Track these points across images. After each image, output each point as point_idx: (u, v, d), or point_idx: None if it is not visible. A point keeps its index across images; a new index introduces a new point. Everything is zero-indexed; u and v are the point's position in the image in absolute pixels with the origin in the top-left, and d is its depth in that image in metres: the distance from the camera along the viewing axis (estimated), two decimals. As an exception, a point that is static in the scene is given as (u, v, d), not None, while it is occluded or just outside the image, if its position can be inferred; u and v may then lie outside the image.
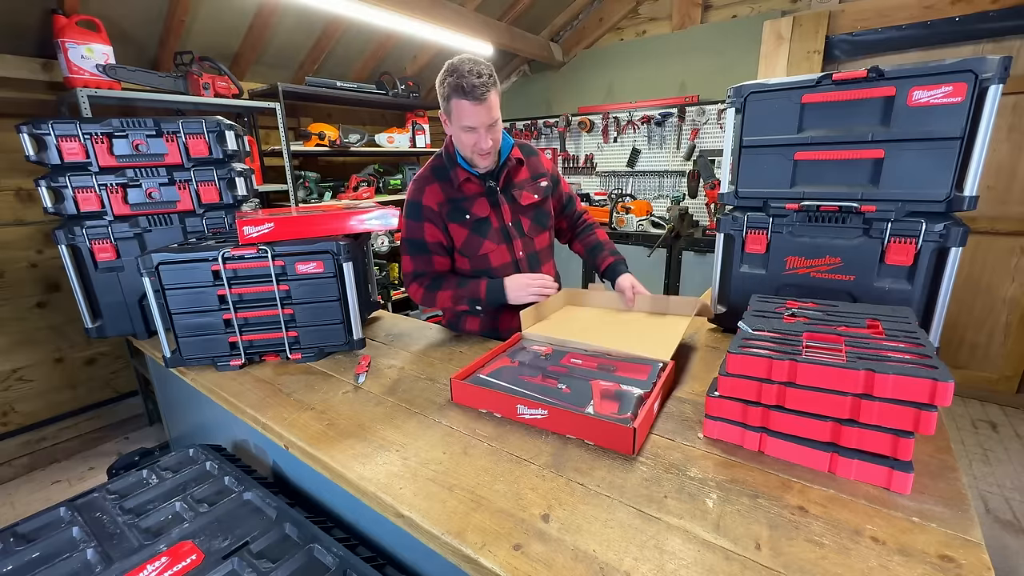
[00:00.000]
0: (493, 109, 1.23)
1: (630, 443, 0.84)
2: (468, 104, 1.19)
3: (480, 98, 1.18)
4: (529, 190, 1.45)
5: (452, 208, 1.39)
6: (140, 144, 1.48)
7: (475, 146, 1.27)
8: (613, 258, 1.53)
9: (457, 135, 1.28)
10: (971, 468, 2.31)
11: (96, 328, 1.53)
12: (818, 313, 1.00)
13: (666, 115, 3.69)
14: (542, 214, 1.50)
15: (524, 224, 1.46)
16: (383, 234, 3.52)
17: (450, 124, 1.28)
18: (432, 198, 1.39)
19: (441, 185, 1.39)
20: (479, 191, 1.40)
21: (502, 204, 1.41)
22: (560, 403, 0.95)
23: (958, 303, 2.92)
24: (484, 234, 1.41)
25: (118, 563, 0.78)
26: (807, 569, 0.61)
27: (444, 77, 1.20)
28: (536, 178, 1.48)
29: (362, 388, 1.15)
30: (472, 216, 1.39)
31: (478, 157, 1.31)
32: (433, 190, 1.39)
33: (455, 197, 1.39)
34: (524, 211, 1.45)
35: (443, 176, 1.40)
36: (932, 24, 2.76)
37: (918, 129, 1.09)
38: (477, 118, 1.21)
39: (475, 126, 1.23)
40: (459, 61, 1.20)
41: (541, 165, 1.51)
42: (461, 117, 1.22)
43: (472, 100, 1.18)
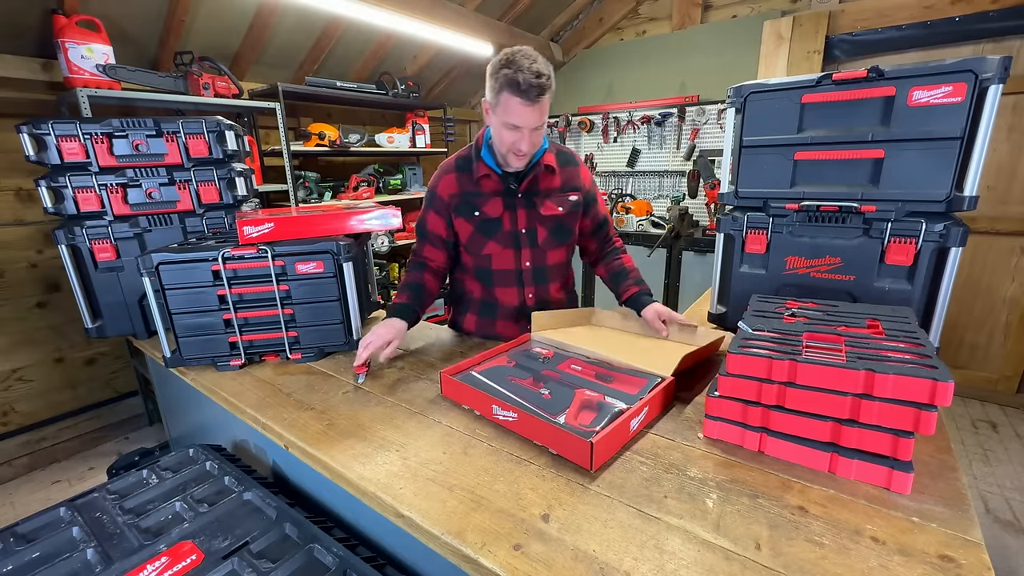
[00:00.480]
0: (543, 113, 1.16)
1: (588, 457, 0.80)
2: (519, 102, 1.11)
3: (534, 100, 1.11)
4: (554, 201, 1.36)
5: (462, 202, 1.34)
6: (140, 144, 1.48)
7: (513, 145, 1.20)
8: (637, 288, 1.38)
9: (497, 130, 1.20)
10: (971, 468, 2.31)
11: (96, 328, 1.53)
12: (818, 313, 1.00)
13: (666, 115, 3.69)
14: (563, 229, 1.40)
15: (539, 234, 1.37)
16: (383, 234, 3.52)
17: (492, 116, 1.20)
18: (446, 188, 1.35)
19: (459, 176, 1.35)
20: (496, 190, 1.33)
21: (518, 208, 1.34)
22: (532, 408, 0.94)
23: (958, 303, 2.92)
24: (490, 235, 1.35)
25: (118, 563, 0.78)
26: (807, 569, 0.61)
27: (499, 67, 1.11)
28: (567, 190, 1.38)
29: (362, 388, 1.15)
30: (481, 214, 1.34)
31: (512, 157, 1.24)
32: (449, 180, 1.35)
33: (469, 191, 1.34)
34: (543, 221, 1.36)
35: (465, 167, 1.35)
36: (932, 24, 2.76)
37: (918, 129, 1.09)
38: (524, 119, 1.14)
39: (520, 126, 1.15)
40: (519, 54, 1.11)
41: (578, 178, 1.41)
42: (508, 113, 1.14)
43: (524, 100, 1.11)
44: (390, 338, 1.23)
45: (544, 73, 1.10)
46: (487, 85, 1.18)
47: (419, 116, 3.70)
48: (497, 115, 1.18)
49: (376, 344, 1.20)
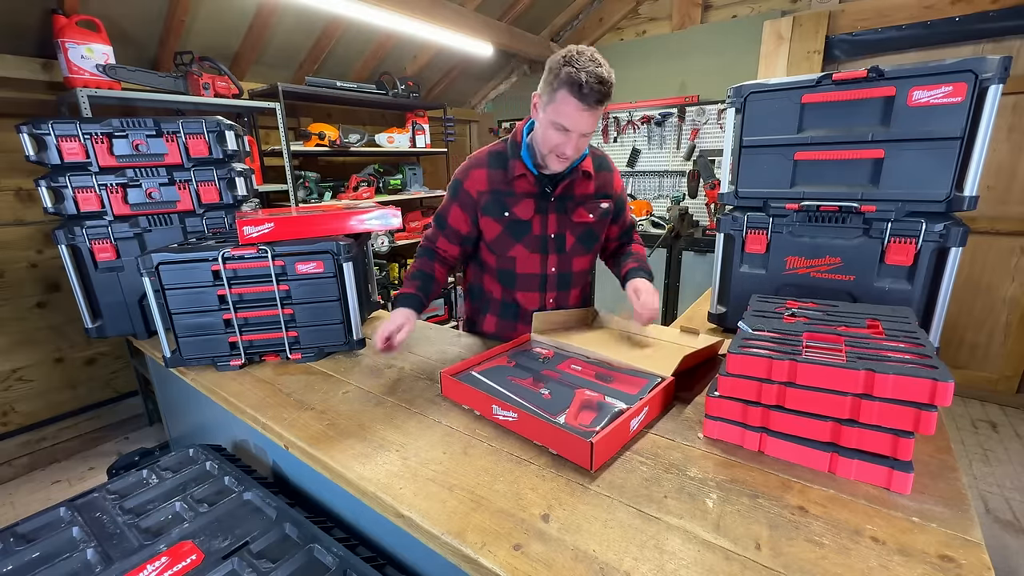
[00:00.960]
0: (596, 120, 1.11)
1: (588, 457, 0.80)
2: (576, 104, 1.06)
3: (592, 105, 1.06)
4: (587, 208, 1.33)
5: (492, 200, 1.29)
6: (140, 144, 1.48)
7: (557, 148, 1.15)
8: (636, 263, 1.35)
9: (545, 128, 1.15)
10: (971, 468, 2.31)
11: (96, 328, 1.53)
12: (818, 313, 1.00)
13: (666, 115, 3.69)
14: (592, 236, 1.37)
15: (568, 241, 1.34)
16: (383, 234, 3.52)
17: (541, 112, 1.15)
18: (475, 184, 1.29)
19: (490, 173, 1.29)
20: (530, 191, 1.28)
21: (550, 213, 1.30)
22: (532, 408, 0.94)
23: (958, 303, 2.92)
24: (519, 237, 1.31)
25: (118, 563, 0.78)
26: (807, 569, 0.61)
27: (562, 64, 1.06)
28: (599, 197, 1.35)
29: (362, 388, 1.15)
30: (511, 215, 1.29)
31: (554, 159, 1.18)
32: (479, 176, 1.29)
33: (501, 190, 1.28)
34: (573, 228, 1.33)
35: (498, 163, 1.29)
36: (932, 24, 2.76)
37: (918, 129, 1.09)
38: (577, 123, 1.09)
39: (571, 129, 1.10)
40: (582, 55, 1.06)
41: (611, 184, 1.39)
42: (561, 113, 1.09)
43: (583, 103, 1.06)
44: (401, 322, 1.18)
45: (608, 80, 1.06)
46: (543, 79, 1.12)
47: (419, 116, 3.70)
48: (547, 113, 1.12)
49: (389, 328, 1.16)
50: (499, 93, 4.74)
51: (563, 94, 1.06)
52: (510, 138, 1.31)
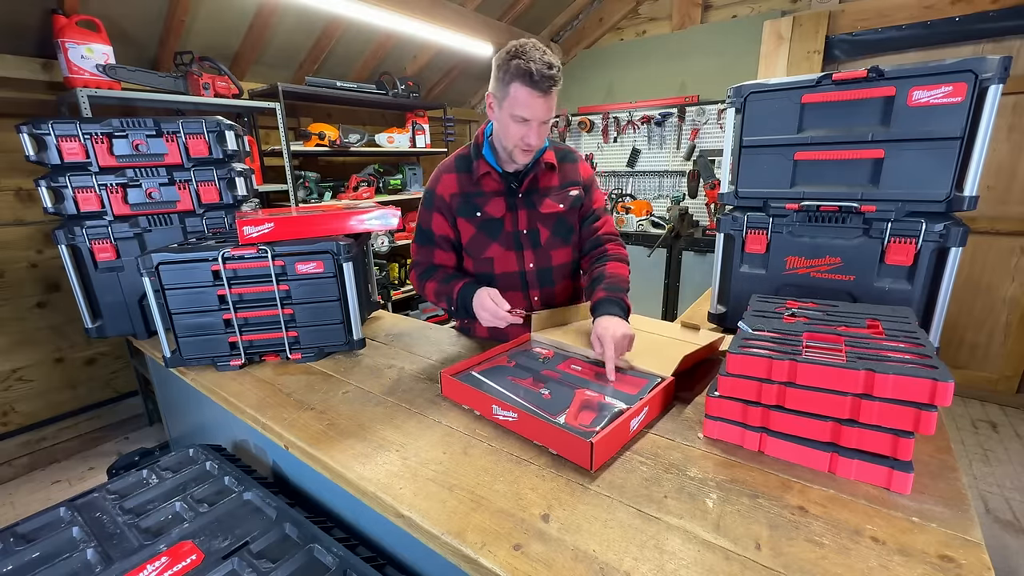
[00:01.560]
0: (553, 106, 1.14)
1: (588, 457, 0.80)
2: (530, 93, 1.09)
3: (545, 91, 1.09)
4: (554, 198, 1.33)
5: (463, 202, 1.31)
6: (140, 144, 1.48)
7: (522, 140, 1.17)
8: (604, 293, 1.22)
9: (505, 124, 1.17)
10: (971, 468, 2.31)
11: (96, 328, 1.53)
12: (818, 313, 1.00)
13: (666, 115, 3.70)
14: (565, 226, 1.37)
15: (542, 235, 1.34)
16: (383, 234, 3.52)
17: (498, 110, 1.17)
18: (446, 188, 1.32)
19: (459, 176, 1.32)
20: (498, 189, 1.30)
21: (519, 209, 1.31)
22: (533, 408, 0.94)
23: (958, 303, 2.92)
24: (493, 236, 1.32)
25: (118, 563, 0.78)
26: (807, 569, 0.61)
27: (508, 58, 1.09)
28: (566, 186, 1.35)
29: (362, 388, 1.15)
30: (484, 214, 1.31)
31: (519, 152, 1.21)
32: (449, 180, 1.32)
33: (470, 191, 1.31)
34: (544, 220, 1.33)
35: (464, 167, 1.32)
36: (932, 24, 2.76)
37: (918, 129, 1.09)
38: (535, 111, 1.12)
39: (530, 119, 1.13)
40: (527, 46, 1.09)
41: (577, 172, 1.38)
42: (517, 105, 1.11)
43: (536, 91, 1.09)
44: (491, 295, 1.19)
45: (555, 65, 1.09)
46: (493, 77, 1.16)
47: (419, 116, 3.70)
48: (504, 108, 1.15)
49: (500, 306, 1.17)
50: (499, 93, 4.73)
51: (516, 86, 1.10)
52: (472, 142, 1.34)
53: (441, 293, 1.31)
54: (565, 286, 1.44)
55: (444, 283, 1.31)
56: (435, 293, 1.33)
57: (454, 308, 1.30)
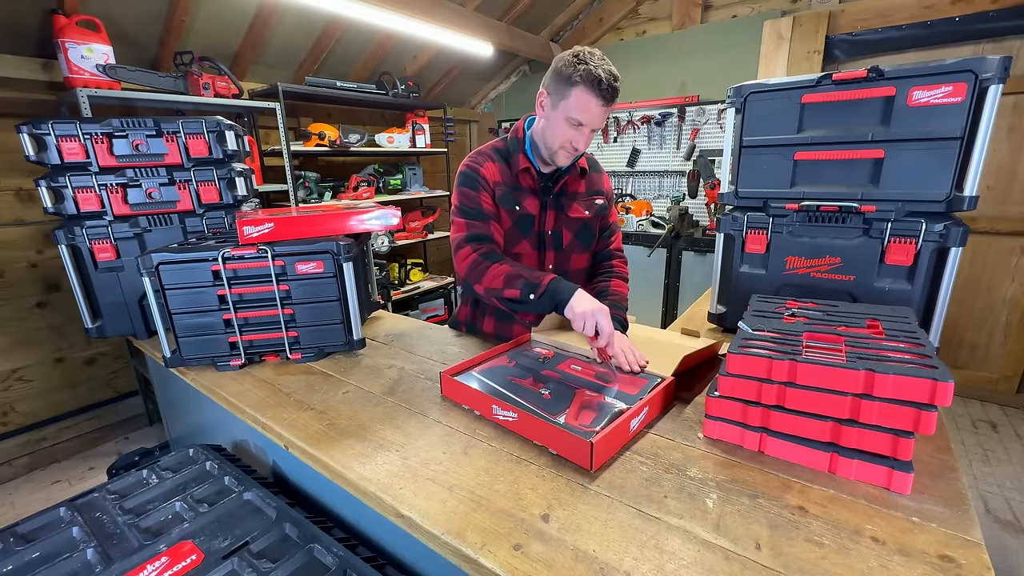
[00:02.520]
0: (608, 115, 1.18)
1: (588, 457, 0.80)
2: (594, 101, 1.11)
3: (609, 100, 1.13)
4: (581, 204, 1.36)
5: (506, 192, 1.31)
6: (140, 144, 1.48)
7: (571, 142, 1.19)
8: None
9: (557, 124, 1.18)
10: (971, 468, 2.31)
11: (96, 328, 1.53)
12: (818, 313, 1.00)
13: (666, 115, 3.70)
14: (588, 233, 1.39)
15: (565, 238, 1.36)
16: (383, 234, 3.52)
17: (551, 108, 1.18)
18: (490, 174, 1.30)
19: (500, 166, 1.32)
20: (533, 187, 1.31)
21: (549, 209, 1.33)
22: (533, 408, 0.94)
23: (958, 303, 2.92)
24: (525, 233, 1.33)
25: (118, 563, 0.78)
26: (807, 569, 0.61)
27: (576, 61, 1.11)
28: (592, 194, 1.38)
29: (362, 388, 1.15)
30: (522, 209, 1.31)
31: (563, 153, 1.22)
32: (492, 168, 1.31)
33: (511, 183, 1.31)
34: (569, 224, 1.35)
35: (503, 159, 1.33)
36: (932, 24, 2.76)
37: (918, 129, 1.09)
38: (593, 118, 1.14)
39: (586, 124, 1.15)
40: (595, 53, 1.12)
41: (602, 182, 1.42)
42: (577, 109, 1.13)
43: (601, 99, 1.11)
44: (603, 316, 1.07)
45: (619, 78, 1.13)
46: (554, 77, 1.16)
47: (419, 116, 3.70)
48: (560, 109, 1.16)
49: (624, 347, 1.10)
50: (499, 93, 4.74)
51: (581, 90, 1.11)
52: (510, 135, 1.34)
53: (518, 277, 1.17)
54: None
55: (521, 268, 1.20)
56: (507, 277, 1.18)
57: (533, 296, 1.14)
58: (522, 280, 1.16)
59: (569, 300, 1.10)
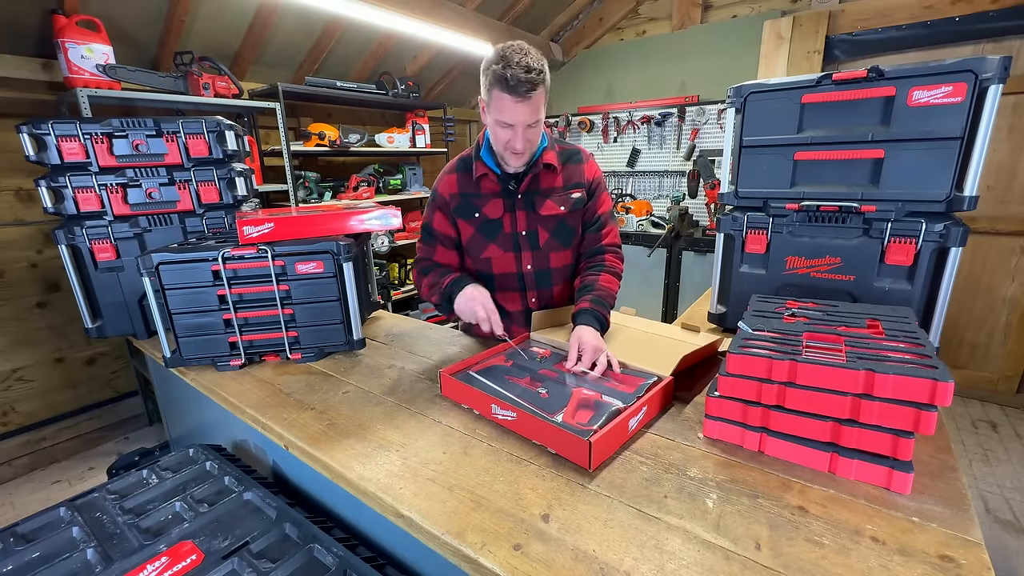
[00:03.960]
0: (536, 109, 1.12)
1: (586, 456, 0.80)
2: (509, 99, 1.08)
3: (524, 95, 1.07)
4: (555, 200, 1.31)
5: (462, 203, 1.31)
6: (140, 144, 1.48)
7: (508, 144, 1.17)
8: (588, 304, 1.23)
9: (492, 128, 1.18)
10: (971, 468, 2.31)
11: (96, 328, 1.53)
12: (818, 313, 1.00)
13: (666, 115, 3.69)
14: (566, 229, 1.34)
15: (540, 236, 1.32)
16: (383, 234, 3.52)
17: (487, 114, 1.18)
18: (446, 188, 1.33)
19: (459, 176, 1.32)
20: (495, 190, 1.30)
21: (518, 210, 1.30)
22: (531, 407, 0.93)
23: (958, 303, 2.92)
24: (491, 237, 1.32)
25: (118, 563, 0.78)
26: (807, 569, 0.61)
27: (489, 63, 1.09)
28: (569, 188, 1.32)
29: (361, 388, 1.15)
30: (482, 215, 1.31)
31: (509, 156, 1.21)
32: (449, 181, 1.33)
33: (468, 192, 1.31)
34: (544, 222, 1.32)
35: (465, 167, 1.33)
36: (932, 24, 2.76)
37: (918, 129, 1.09)
38: (516, 116, 1.11)
39: (512, 123, 1.12)
40: (509, 49, 1.08)
41: (582, 173, 1.34)
42: (499, 111, 1.11)
43: (514, 96, 1.07)
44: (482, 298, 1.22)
45: (535, 68, 1.06)
46: (481, 83, 1.15)
47: (419, 116, 3.70)
48: (491, 113, 1.15)
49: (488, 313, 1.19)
50: (499, 93, 4.73)
51: (496, 92, 1.09)
52: (475, 142, 1.34)
53: (435, 286, 1.31)
54: (564, 288, 1.42)
55: (440, 277, 1.31)
56: (429, 287, 1.33)
57: (439, 300, 1.29)
58: (436, 288, 1.30)
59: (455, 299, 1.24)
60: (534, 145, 1.22)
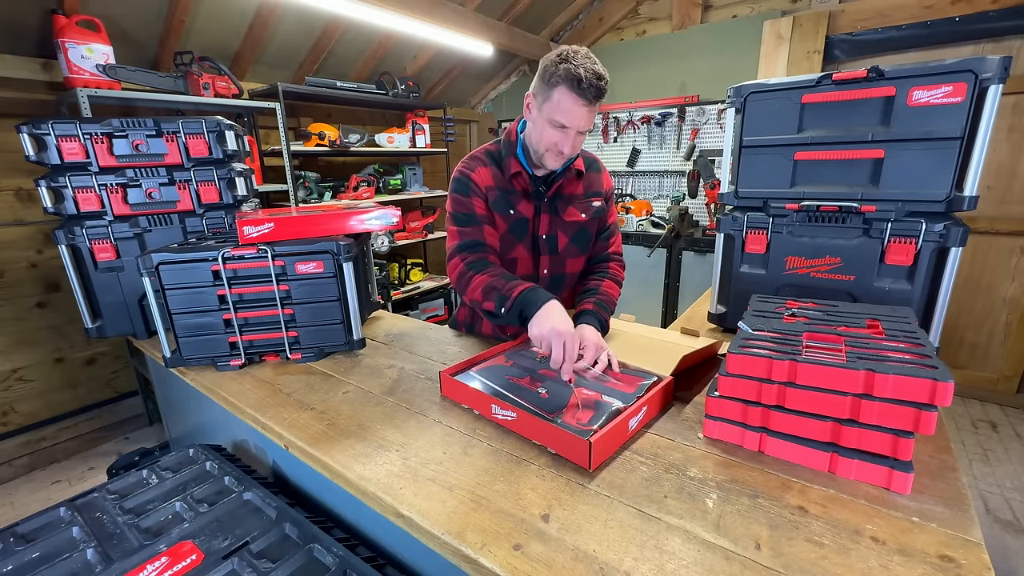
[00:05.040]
0: (593, 117, 1.12)
1: (586, 456, 0.80)
2: (576, 100, 1.07)
3: (590, 101, 1.08)
4: (577, 207, 1.32)
5: (500, 197, 1.28)
6: (140, 144, 1.48)
7: (555, 146, 1.15)
8: (592, 307, 1.23)
9: (541, 127, 1.15)
10: (971, 468, 2.31)
11: (96, 328, 1.53)
12: (818, 313, 1.00)
13: (666, 115, 3.70)
14: (584, 236, 1.35)
15: (560, 242, 1.32)
16: (383, 234, 3.52)
17: (537, 111, 1.15)
18: (482, 179, 1.28)
19: (493, 171, 1.29)
20: (527, 191, 1.29)
21: (543, 213, 1.30)
22: (531, 407, 0.93)
23: (958, 303, 2.92)
24: (520, 237, 1.31)
25: (118, 563, 0.78)
26: (807, 569, 0.61)
27: (559, 61, 1.07)
28: (590, 196, 1.34)
29: (361, 388, 1.15)
30: (516, 213, 1.29)
31: (551, 157, 1.18)
32: (484, 173, 1.29)
33: (504, 188, 1.28)
34: (565, 228, 1.32)
35: (496, 162, 1.30)
36: (932, 24, 2.76)
37: (918, 129, 1.09)
38: (576, 119, 1.10)
39: (569, 126, 1.11)
40: (579, 52, 1.08)
41: (600, 182, 1.36)
42: (559, 111, 1.09)
43: (582, 99, 1.07)
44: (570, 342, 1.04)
45: (604, 76, 1.08)
46: (538, 77, 1.13)
47: (419, 116, 3.70)
48: (544, 111, 1.12)
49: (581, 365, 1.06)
50: (499, 93, 4.74)
51: (562, 91, 1.07)
52: (503, 138, 1.32)
53: (493, 289, 1.17)
54: (571, 294, 1.42)
55: (501, 279, 1.18)
56: (484, 289, 1.18)
57: (504, 309, 1.15)
58: (496, 292, 1.16)
59: (536, 317, 1.08)
60: (577, 151, 1.21)
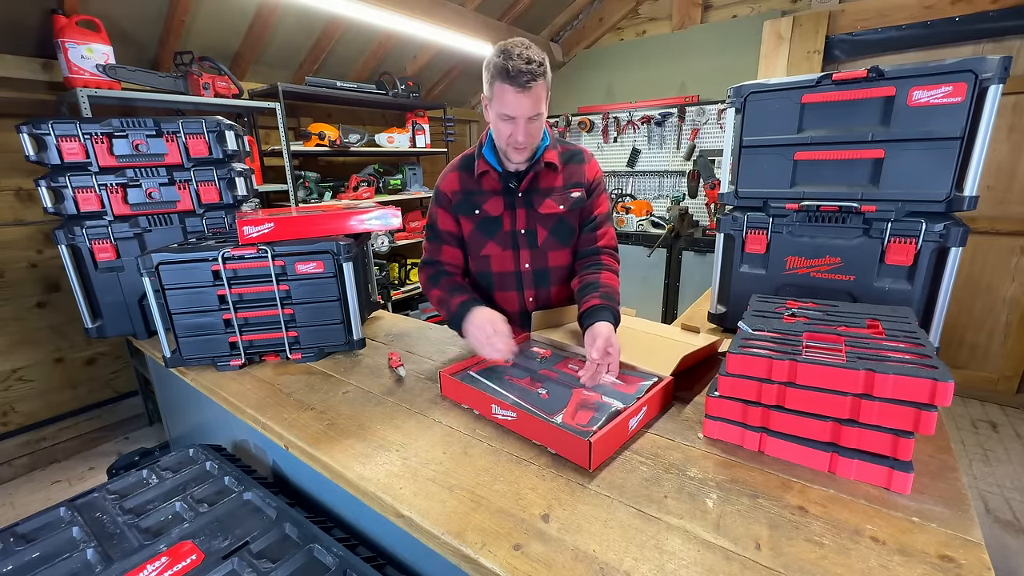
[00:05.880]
0: (537, 101, 1.13)
1: (586, 456, 0.80)
2: (510, 90, 1.09)
3: (524, 86, 1.08)
4: (555, 199, 1.30)
5: (463, 199, 1.32)
6: (140, 144, 1.48)
7: (510, 138, 1.17)
8: (600, 300, 1.19)
9: (494, 123, 1.19)
10: (971, 468, 2.31)
11: (96, 328, 1.53)
12: (818, 313, 1.00)
13: (666, 115, 3.69)
14: (564, 228, 1.34)
15: (539, 235, 1.32)
16: (383, 234, 3.52)
17: (490, 109, 1.19)
18: (448, 185, 1.33)
19: (460, 174, 1.33)
20: (496, 188, 1.30)
21: (518, 208, 1.30)
22: (531, 408, 0.93)
23: (958, 303, 2.92)
24: (491, 235, 1.33)
25: (118, 563, 0.78)
26: (807, 569, 0.61)
27: (491, 58, 1.12)
28: (569, 187, 1.32)
29: (361, 388, 1.15)
30: (482, 212, 1.31)
31: (512, 151, 1.21)
32: (451, 178, 1.33)
33: (470, 189, 1.31)
34: (542, 221, 1.31)
35: (467, 165, 1.33)
36: (932, 24, 2.76)
37: (918, 129, 1.09)
38: (517, 107, 1.12)
39: (514, 116, 1.13)
40: (510, 43, 1.11)
41: (582, 173, 1.34)
42: (501, 104, 1.13)
43: (515, 87, 1.09)
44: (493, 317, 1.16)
45: (535, 60, 1.09)
46: (483, 79, 1.16)
47: (419, 116, 3.70)
48: (493, 107, 1.16)
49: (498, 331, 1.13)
50: (499, 93, 4.73)
51: (498, 84, 1.11)
52: (478, 140, 1.34)
53: (442, 301, 1.30)
54: (561, 289, 1.41)
55: (447, 293, 1.30)
56: (438, 301, 1.32)
57: (447, 319, 1.29)
58: (444, 302, 1.29)
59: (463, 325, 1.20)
60: (535, 140, 1.22)
